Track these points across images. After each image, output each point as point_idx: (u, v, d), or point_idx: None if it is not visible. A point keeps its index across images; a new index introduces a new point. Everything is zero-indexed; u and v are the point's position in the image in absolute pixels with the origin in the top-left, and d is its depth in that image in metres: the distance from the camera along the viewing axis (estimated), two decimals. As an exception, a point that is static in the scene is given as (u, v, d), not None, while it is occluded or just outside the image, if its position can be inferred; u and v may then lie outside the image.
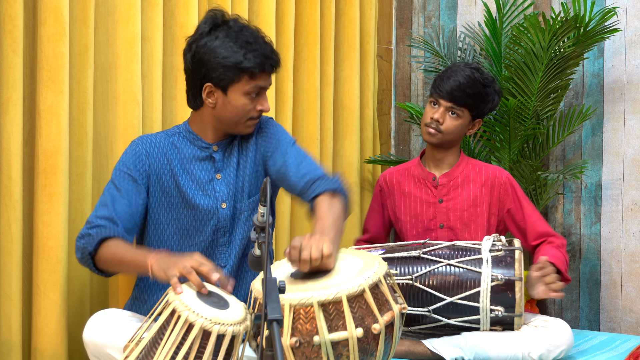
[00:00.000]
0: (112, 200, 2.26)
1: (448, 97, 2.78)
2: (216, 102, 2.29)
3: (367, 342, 1.89)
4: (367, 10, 3.52)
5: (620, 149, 3.29)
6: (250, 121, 2.33)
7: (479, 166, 2.88)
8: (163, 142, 2.36)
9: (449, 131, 2.80)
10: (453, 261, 2.47)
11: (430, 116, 2.80)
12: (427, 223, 2.85)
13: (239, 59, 2.22)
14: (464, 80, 2.77)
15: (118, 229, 2.24)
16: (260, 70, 2.25)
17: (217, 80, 2.25)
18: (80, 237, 2.23)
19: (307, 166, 2.35)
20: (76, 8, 2.43)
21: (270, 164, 2.39)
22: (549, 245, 2.74)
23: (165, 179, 2.34)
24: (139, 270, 2.12)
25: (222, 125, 2.34)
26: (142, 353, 1.85)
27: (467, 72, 2.80)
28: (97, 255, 2.20)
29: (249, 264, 1.94)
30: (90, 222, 2.25)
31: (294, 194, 2.36)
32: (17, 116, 2.26)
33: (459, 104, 2.78)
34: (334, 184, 2.29)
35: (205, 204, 2.34)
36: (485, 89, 2.81)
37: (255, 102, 2.30)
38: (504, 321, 2.45)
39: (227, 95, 2.27)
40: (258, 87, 2.28)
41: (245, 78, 2.25)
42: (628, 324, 3.29)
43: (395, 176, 2.94)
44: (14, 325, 2.26)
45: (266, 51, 2.27)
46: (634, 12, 3.26)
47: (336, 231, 2.14)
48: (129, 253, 2.15)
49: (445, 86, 2.79)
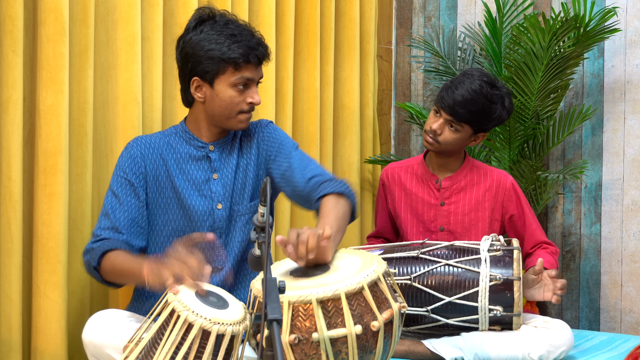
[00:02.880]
0: (112, 209, 2.27)
1: (448, 111, 2.67)
2: (205, 96, 2.29)
3: (366, 340, 1.89)
4: (367, 10, 3.52)
5: (620, 149, 3.29)
6: (241, 115, 2.31)
7: (483, 170, 2.84)
8: (159, 143, 2.36)
9: (447, 143, 2.72)
10: (451, 261, 2.47)
11: (430, 125, 2.72)
12: (428, 224, 2.85)
13: (222, 50, 2.23)
14: (469, 95, 2.64)
15: (123, 237, 2.24)
16: (245, 60, 2.24)
17: (202, 72, 2.26)
18: (86, 252, 2.24)
19: (314, 169, 2.35)
20: (76, 8, 2.43)
21: (274, 167, 2.38)
22: (544, 251, 2.74)
23: (161, 179, 2.33)
24: (137, 281, 2.11)
25: (214, 120, 2.33)
26: (141, 353, 1.85)
27: (476, 85, 2.66)
28: (101, 269, 2.21)
29: (249, 264, 1.94)
30: (95, 234, 2.25)
31: (299, 197, 2.35)
32: (17, 116, 2.26)
33: (459, 120, 2.68)
34: (341, 186, 2.29)
35: (200, 204, 2.33)
36: (491, 106, 2.68)
37: (244, 95, 2.29)
38: (502, 321, 2.45)
39: (213, 88, 2.27)
40: (244, 78, 2.27)
41: (230, 69, 2.24)
42: (628, 324, 3.29)
43: (398, 172, 2.92)
44: (14, 325, 2.27)
45: (251, 42, 2.26)
46: (634, 12, 3.26)
47: (337, 228, 2.14)
48: (126, 265, 2.15)
49: (448, 99, 2.67)
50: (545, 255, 2.70)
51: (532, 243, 2.78)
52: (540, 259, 2.58)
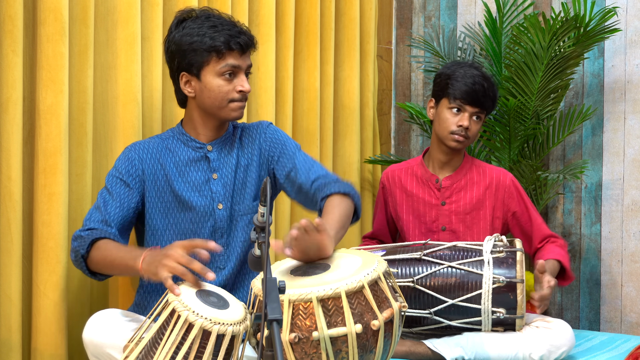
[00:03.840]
0: (105, 204, 2.28)
1: (475, 103, 2.73)
2: (195, 90, 2.31)
3: (366, 339, 1.89)
4: (367, 10, 3.52)
5: (621, 149, 3.29)
6: (233, 103, 2.31)
7: (482, 168, 2.85)
8: (156, 147, 2.37)
9: (474, 135, 2.80)
10: (454, 263, 2.47)
11: (458, 124, 2.74)
12: (430, 225, 2.85)
13: (204, 40, 2.25)
14: (486, 84, 2.74)
15: (112, 230, 2.25)
16: (226, 47, 2.26)
17: (188, 66, 2.28)
18: (74, 239, 2.24)
19: (319, 170, 2.37)
20: (76, 8, 2.43)
21: (278, 168, 2.39)
22: (553, 245, 2.74)
23: (160, 184, 2.34)
24: (129, 272, 2.12)
25: (207, 115, 2.34)
26: (142, 353, 1.85)
27: (476, 72, 2.75)
28: (89, 257, 2.21)
29: (249, 264, 1.94)
30: (84, 224, 2.26)
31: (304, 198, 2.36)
32: (17, 116, 2.26)
33: (483, 109, 2.76)
34: (346, 187, 2.30)
35: (201, 205, 2.33)
36: (494, 88, 2.79)
37: (233, 84, 2.30)
38: (505, 322, 2.45)
39: (201, 80, 2.29)
40: (229, 65, 2.27)
41: (214, 58, 2.26)
42: (628, 324, 3.29)
43: (398, 174, 2.93)
44: (13, 325, 2.26)
45: (232, 31, 2.28)
46: (634, 12, 3.26)
47: (340, 226, 2.16)
48: (119, 255, 2.15)
49: (470, 91, 2.72)
50: (555, 248, 2.71)
51: (539, 237, 2.78)
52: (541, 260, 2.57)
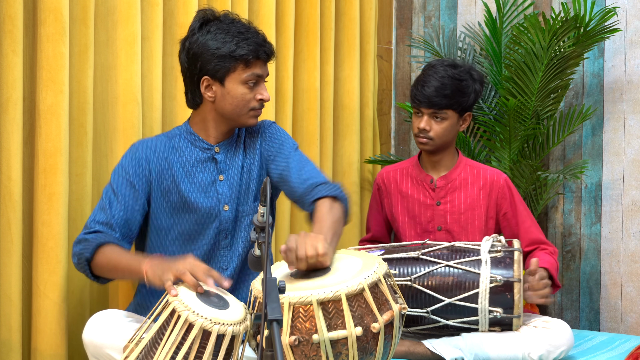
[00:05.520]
0: (110, 205, 2.27)
1: (427, 105, 2.74)
2: (215, 95, 2.30)
3: (367, 341, 1.89)
4: (367, 10, 3.52)
5: (621, 149, 3.29)
6: (252, 112, 2.33)
7: (477, 168, 2.86)
8: (164, 147, 2.36)
9: (439, 135, 2.77)
10: (452, 262, 2.47)
11: (417, 126, 2.78)
12: (425, 225, 2.85)
13: (232, 48, 2.24)
14: (438, 83, 2.73)
15: (115, 234, 2.24)
16: (254, 57, 2.26)
17: (213, 72, 2.27)
18: (77, 242, 2.23)
19: (310, 171, 2.36)
20: (76, 8, 2.43)
21: (273, 167, 2.39)
22: (542, 252, 2.73)
23: (166, 183, 2.34)
24: (133, 276, 2.12)
25: (224, 119, 2.34)
26: (141, 353, 1.85)
27: (440, 72, 2.75)
28: (93, 261, 2.20)
29: (249, 264, 1.94)
30: (88, 226, 2.25)
31: (294, 198, 2.36)
32: (17, 116, 2.26)
33: (440, 108, 2.74)
34: (335, 190, 2.30)
35: (207, 206, 2.33)
36: (461, 84, 2.75)
37: (254, 92, 2.30)
38: (502, 322, 2.45)
39: (224, 86, 2.28)
40: (255, 75, 2.28)
41: (240, 66, 2.26)
42: (628, 324, 3.29)
43: (393, 175, 2.93)
44: (13, 326, 2.26)
45: (258, 39, 2.29)
46: (634, 12, 3.26)
47: (334, 233, 2.15)
48: (124, 259, 2.16)
49: (421, 95, 2.75)
50: (543, 255, 2.69)
51: (526, 241, 2.76)
52: (535, 259, 2.57)
